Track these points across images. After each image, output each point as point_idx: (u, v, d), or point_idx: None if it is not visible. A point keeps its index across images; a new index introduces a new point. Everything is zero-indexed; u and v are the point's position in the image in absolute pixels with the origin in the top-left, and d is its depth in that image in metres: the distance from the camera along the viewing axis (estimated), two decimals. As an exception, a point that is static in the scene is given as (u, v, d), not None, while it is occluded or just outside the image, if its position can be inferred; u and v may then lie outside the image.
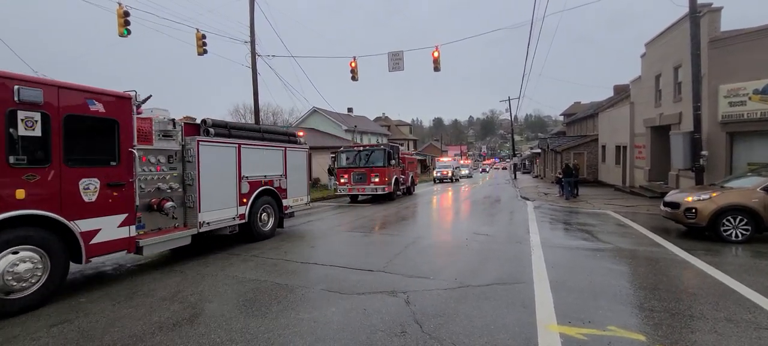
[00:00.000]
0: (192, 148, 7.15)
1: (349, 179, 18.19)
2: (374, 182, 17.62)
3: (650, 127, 18.28)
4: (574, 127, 41.14)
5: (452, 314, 4.30)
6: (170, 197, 6.81)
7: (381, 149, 18.24)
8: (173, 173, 6.96)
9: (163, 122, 6.87)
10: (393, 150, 18.94)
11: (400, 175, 20.28)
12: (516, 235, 9.08)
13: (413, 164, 24.06)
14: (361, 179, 17.89)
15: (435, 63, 15.64)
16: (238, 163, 8.18)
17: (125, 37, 12.21)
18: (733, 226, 7.82)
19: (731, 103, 12.56)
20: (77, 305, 4.90)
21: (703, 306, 4.45)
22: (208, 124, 7.86)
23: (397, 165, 19.36)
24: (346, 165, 18.50)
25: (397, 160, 19.41)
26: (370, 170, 17.72)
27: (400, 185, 20.03)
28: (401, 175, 20.39)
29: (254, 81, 17.78)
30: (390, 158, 18.05)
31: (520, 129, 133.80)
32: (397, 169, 19.36)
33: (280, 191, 9.50)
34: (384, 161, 17.72)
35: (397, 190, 19.24)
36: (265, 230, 8.97)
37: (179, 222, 7.06)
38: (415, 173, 24.20)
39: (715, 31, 13.09)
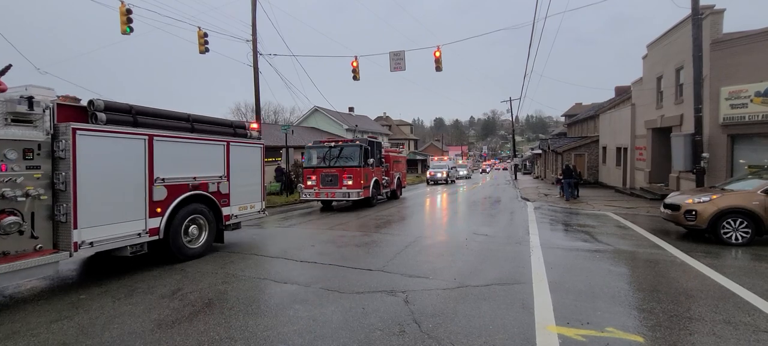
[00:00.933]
0: (65, 139, 5.18)
1: (318, 181, 14.96)
2: (347, 186, 14.53)
3: (651, 129, 18.25)
4: (575, 128, 41.12)
5: (451, 314, 4.30)
6: (16, 209, 4.77)
7: (356, 145, 14.96)
8: (34, 173, 5.00)
9: (11, 101, 4.76)
10: (372, 146, 15.80)
11: (383, 176, 17.35)
12: (515, 235, 9.08)
13: (400, 164, 20.74)
14: (332, 182, 14.77)
15: (436, 63, 15.64)
16: (148, 160, 6.24)
17: (128, 34, 12.24)
18: (733, 228, 7.81)
19: (733, 105, 12.54)
20: (77, 301, 4.92)
21: (702, 308, 4.45)
22: (98, 106, 5.74)
23: (377, 164, 16.36)
24: (316, 164, 15.28)
25: (378, 158, 16.54)
26: (342, 171, 14.64)
27: (382, 188, 17.09)
28: (384, 176, 17.55)
29: (256, 80, 17.80)
30: (367, 156, 15.00)
31: (521, 129, 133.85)
32: (377, 170, 16.33)
33: (218, 196, 7.57)
34: (359, 160, 14.67)
35: (377, 194, 16.34)
36: (191, 247, 7.00)
37: (45, 242, 5.07)
38: (403, 174, 21.07)
39: (718, 33, 13.07)
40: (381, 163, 17.09)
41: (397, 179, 19.47)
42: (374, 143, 16.30)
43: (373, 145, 16.07)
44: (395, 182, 19.14)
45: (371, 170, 15.48)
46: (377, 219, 12.21)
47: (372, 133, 50.29)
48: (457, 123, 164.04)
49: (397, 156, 20.56)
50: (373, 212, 13.91)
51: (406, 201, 18.38)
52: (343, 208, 15.65)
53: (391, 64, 16.17)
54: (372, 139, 16.32)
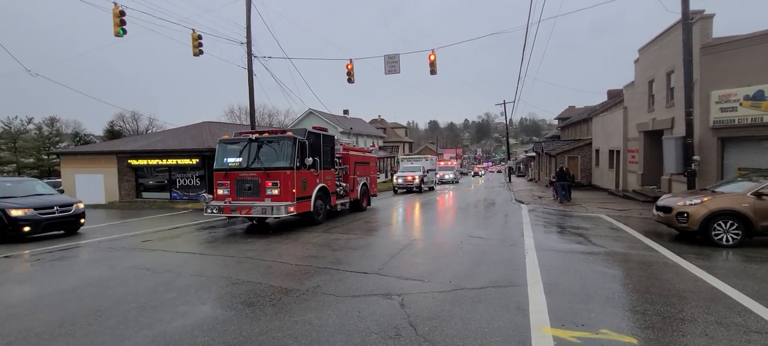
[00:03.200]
0: None
1: (231, 188, 10.61)
2: (271, 196, 10.19)
3: (643, 132, 18.46)
4: (569, 131, 41.48)
5: (447, 317, 4.31)
6: None
7: (286, 138, 10.68)
8: None
9: None
10: (315, 141, 11.64)
11: (339, 181, 13.55)
12: (510, 238, 9.12)
13: (367, 166, 16.36)
14: (251, 190, 10.43)
15: (431, 66, 15.70)
16: None
17: (121, 36, 12.15)
18: (724, 230, 7.91)
19: (722, 108, 12.72)
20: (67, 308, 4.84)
21: (694, 309, 4.50)
22: None
23: (328, 166, 12.36)
24: (230, 165, 10.81)
25: (329, 158, 12.52)
26: (265, 175, 10.29)
27: (337, 197, 13.14)
28: (340, 182, 13.76)
29: (250, 82, 17.74)
30: (304, 154, 10.78)
31: (515, 132, 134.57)
32: (326, 174, 12.21)
33: None
34: (291, 159, 10.37)
35: (324, 206, 12.07)
36: None
37: None
38: (373, 179, 16.94)
39: (707, 38, 13.27)
40: (334, 164, 13.05)
41: (362, 185, 15.50)
42: (320, 137, 12.06)
43: (319, 139, 11.92)
44: (359, 189, 15.07)
45: (313, 174, 11.29)
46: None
47: (367, 135, 50.14)
48: (452, 126, 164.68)
49: (362, 156, 16.09)
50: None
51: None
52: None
53: (386, 67, 16.22)
54: (316, 131, 12.01)
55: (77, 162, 24.20)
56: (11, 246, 9.36)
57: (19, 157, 43.77)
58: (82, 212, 11.46)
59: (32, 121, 47.15)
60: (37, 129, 47.40)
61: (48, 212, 10.49)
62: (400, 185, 25.97)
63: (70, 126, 53.60)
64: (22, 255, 8.30)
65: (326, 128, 13.18)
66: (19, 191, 11.19)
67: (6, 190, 10.97)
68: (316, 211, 11.46)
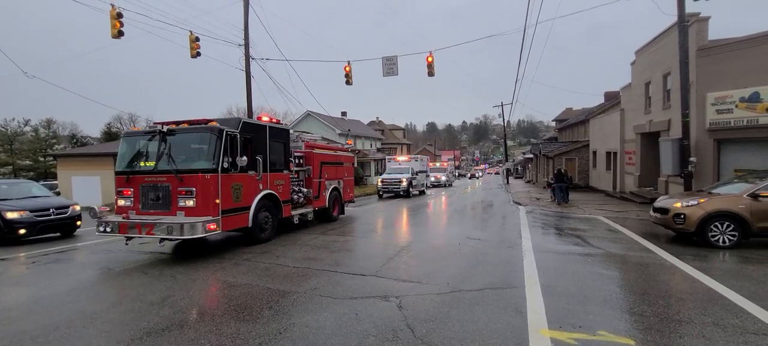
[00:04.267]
0: None
1: (135, 198, 7.90)
2: (184, 208, 7.47)
3: (640, 134, 18.53)
4: (566, 132, 41.59)
5: (444, 319, 4.30)
6: None
7: (208, 131, 7.79)
8: None
9: None
10: (258, 134, 8.87)
11: (297, 187, 10.92)
12: (508, 239, 9.13)
13: (340, 168, 13.52)
14: (159, 200, 7.71)
15: (429, 68, 15.72)
16: None
17: (118, 38, 12.12)
18: (721, 231, 7.94)
19: (718, 110, 12.79)
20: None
21: (692, 311, 4.51)
22: None
23: (273, 168, 9.33)
24: (134, 168, 8.04)
25: (276, 157, 9.50)
26: (177, 180, 7.54)
27: (293, 206, 10.50)
28: (300, 187, 11.07)
29: (248, 84, 17.72)
30: (235, 152, 7.95)
31: (513, 134, 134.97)
32: (274, 178, 9.31)
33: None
34: (212, 159, 7.59)
35: (272, 218, 9.22)
36: None
37: None
38: (348, 182, 14.21)
39: (703, 40, 13.35)
40: (289, 165, 10.13)
41: (332, 191, 12.71)
42: (265, 130, 9.07)
43: (262, 132, 8.97)
44: (328, 195, 12.32)
45: (252, 178, 8.51)
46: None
47: (365, 137, 49.95)
48: (450, 127, 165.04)
49: (331, 155, 13.09)
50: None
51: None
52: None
53: (384, 69, 16.23)
54: (258, 123, 9.06)
55: (74, 164, 24.12)
56: (7, 249, 9.30)
57: (15, 159, 43.59)
58: (79, 214, 11.40)
59: (29, 123, 47.01)
60: (33, 131, 47.23)
61: (44, 215, 10.42)
62: (385, 189, 23.40)
63: (67, 128, 53.45)
64: (17, 258, 8.25)
65: (280, 120, 10.22)
66: (14, 193, 11.11)
67: (2, 192, 10.90)
68: (258, 226, 8.68)
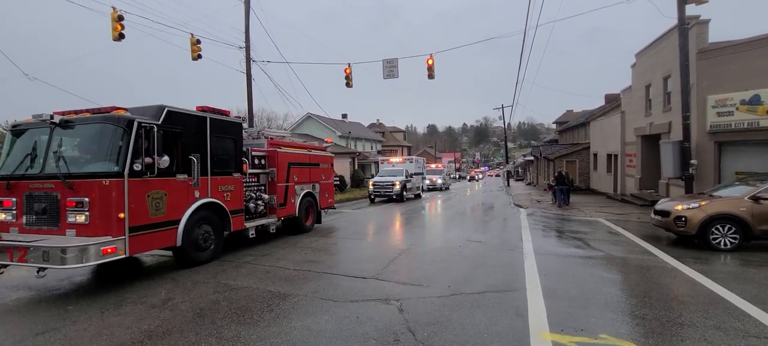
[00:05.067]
0: None
1: (18, 209, 5.91)
2: (74, 224, 5.53)
3: (641, 136, 18.52)
4: (567, 135, 41.60)
5: (445, 322, 4.29)
6: None
7: (110, 122, 5.81)
8: None
9: None
10: (191, 127, 6.97)
11: (255, 193, 9.07)
12: (509, 242, 9.12)
13: (318, 170, 11.64)
14: (44, 215, 5.75)
15: (429, 71, 15.74)
16: None
17: (119, 41, 12.14)
18: (722, 234, 7.93)
19: (719, 113, 12.78)
20: (65, 312, 4.81)
21: (693, 314, 4.49)
22: None
23: (219, 170, 7.56)
24: (18, 170, 5.95)
25: (221, 157, 7.68)
26: (66, 187, 5.54)
27: (253, 216, 8.87)
28: (262, 193, 9.30)
29: (248, 87, 17.75)
30: (152, 149, 6.02)
31: (513, 136, 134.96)
32: (219, 182, 7.55)
33: None
34: (116, 158, 5.69)
35: (216, 234, 7.45)
36: None
37: None
38: (326, 186, 12.18)
39: (703, 43, 13.36)
40: (241, 166, 8.19)
41: (304, 197, 10.70)
42: (205, 122, 7.26)
43: (199, 124, 7.13)
44: (298, 202, 10.36)
45: (183, 184, 6.69)
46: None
47: (366, 139, 49.91)
48: (450, 130, 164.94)
49: (303, 155, 11.02)
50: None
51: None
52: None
53: (384, 71, 16.25)
54: (192, 113, 7.09)
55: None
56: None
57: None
58: None
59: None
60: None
61: None
62: (377, 193, 21.70)
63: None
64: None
65: (228, 111, 8.06)
66: None
67: None
68: (192, 244, 6.87)
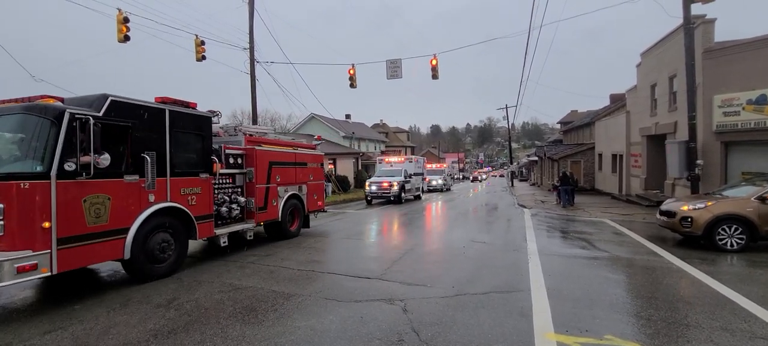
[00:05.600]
0: None
1: None
2: None
3: (646, 136, 18.41)
4: (571, 135, 41.41)
5: (450, 323, 4.29)
6: None
7: (31, 113, 5.04)
8: None
9: None
10: (144, 119, 6.06)
11: (228, 196, 8.13)
12: (513, 243, 9.09)
13: (305, 170, 10.74)
14: None
15: (433, 71, 15.74)
16: None
17: (124, 43, 12.23)
18: (729, 235, 7.86)
19: (725, 113, 12.68)
20: (71, 312, 4.85)
21: (699, 315, 4.46)
22: None
23: (182, 169, 6.72)
24: None
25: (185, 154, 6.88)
26: None
27: (226, 221, 7.99)
28: (238, 196, 8.38)
29: (253, 87, 17.82)
30: (88, 146, 5.06)
31: (517, 137, 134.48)
32: (180, 184, 6.64)
33: None
34: (40, 157, 4.91)
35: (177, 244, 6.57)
36: None
37: None
38: (315, 187, 11.27)
39: (709, 42, 13.27)
40: (210, 166, 7.31)
41: (289, 199, 9.83)
42: (163, 114, 6.42)
43: (146, 116, 6.15)
44: (281, 205, 9.51)
45: (128, 187, 5.81)
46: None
47: (369, 139, 50.02)
48: (454, 130, 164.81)
49: (289, 153, 10.16)
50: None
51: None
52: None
53: (388, 72, 16.27)
54: (138, 105, 6.07)
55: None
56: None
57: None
58: None
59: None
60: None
61: None
62: (373, 194, 20.86)
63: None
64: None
65: (194, 103, 7.12)
66: None
67: None
68: (148, 255, 6.04)
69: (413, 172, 24.14)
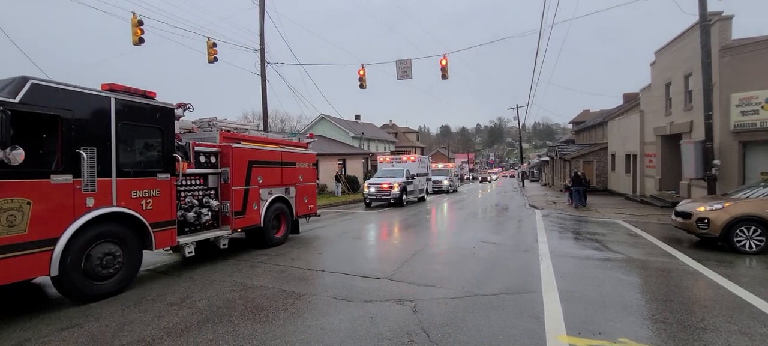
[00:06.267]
0: None
1: None
2: None
3: (660, 136, 18.08)
4: (583, 135, 40.87)
5: (460, 324, 4.27)
6: None
7: None
8: None
9: None
10: (63, 108, 4.91)
11: (197, 199, 7.11)
12: (524, 243, 9.01)
13: (294, 171, 9.71)
14: None
15: (443, 71, 15.69)
16: None
17: (139, 45, 12.46)
18: (747, 237, 7.67)
19: (743, 111, 12.38)
20: (87, 309, 4.96)
21: (717, 319, 4.36)
22: None
23: (140, 167, 5.94)
24: None
25: (137, 149, 6.04)
26: None
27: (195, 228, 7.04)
28: (209, 200, 7.34)
29: (263, 89, 17.99)
30: None
31: (528, 137, 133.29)
32: (128, 186, 5.63)
33: None
34: None
35: (126, 257, 5.59)
36: None
37: None
38: (306, 189, 10.14)
39: (726, 40, 12.96)
40: (172, 164, 6.34)
41: (274, 202, 8.88)
42: (89, 101, 5.29)
43: (83, 105, 5.19)
44: (264, 210, 8.51)
45: (54, 189, 4.79)
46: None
47: (379, 140, 50.03)
48: (464, 130, 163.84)
49: (275, 152, 9.16)
50: None
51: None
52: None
53: (397, 72, 16.27)
54: (70, 90, 5.09)
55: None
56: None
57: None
58: None
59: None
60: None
61: None
62: (372, 196, 19.27)
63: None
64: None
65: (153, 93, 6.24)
66: None
67: None
68: (86, 272, 5.15)
69: (416, 172, 22.45)
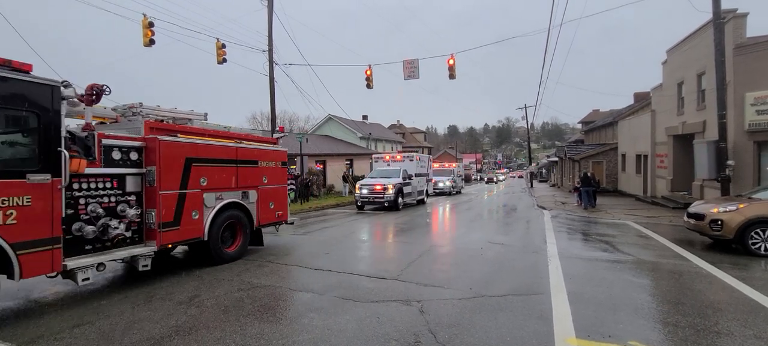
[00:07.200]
0: None
1: None
2: None
3: (672, 136, 17.80)
4: (593, 135, 40.39)
5: (467, 325, 4.24)
6: None
7: None
8: None
9: None
10: None
11: (102, 209, 5.39)
12: (532, 244, 8.92)
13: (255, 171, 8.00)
14: None
15: (450, 71, 15.63)
16: None
17: (149, 47, 12.61)
18: (762, 239, 7.51)
19: (759, 111, 12.13)
20: (98, 307, 5.03)
21: (731, 322, 4.27)
22: None
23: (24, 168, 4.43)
24: None
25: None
26: None
27: (98, 243, 5.36)
28: (126, 208, 5.68)
29: (271, 89, 18.10)
30: None
31: (537, 137, 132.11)
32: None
33: None
34: None
35: None
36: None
37: None
38: (274, 191, 8.49)
39: (741, 38, 12.71)
40: (54, 162, 4.64)
41: (224, 210, 7.21)
42: None
43: None
44: (209, 219, 6.86)
45: None
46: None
47: (386, 140, 49.98)
48: (472, 130, 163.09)
49: (228, 148, 7.45)
50: None
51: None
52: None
53: (405, 72, 16.24)
54: None
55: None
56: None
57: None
58: None
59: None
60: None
61: None
62: (364, 198, 17.52)
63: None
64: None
65: (29, 66, 4.61)
66: None
67: None
68: None
69: (415, 172, 20.40)
